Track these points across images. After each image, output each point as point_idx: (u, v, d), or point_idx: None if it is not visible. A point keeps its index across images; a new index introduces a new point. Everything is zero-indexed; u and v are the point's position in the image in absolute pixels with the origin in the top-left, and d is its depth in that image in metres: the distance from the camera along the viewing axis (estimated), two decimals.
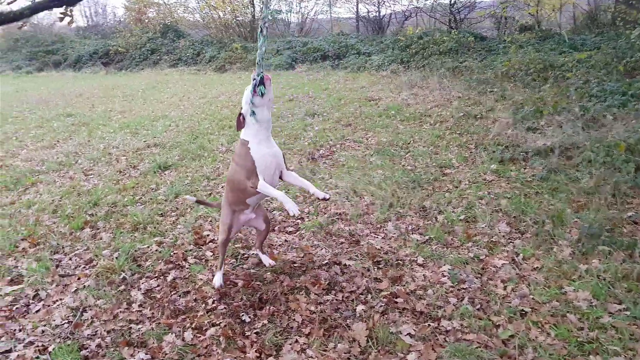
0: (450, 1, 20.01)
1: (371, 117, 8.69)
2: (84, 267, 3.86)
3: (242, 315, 3.14)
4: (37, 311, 3.28)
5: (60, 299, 3.40)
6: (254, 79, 2.90)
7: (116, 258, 3.90)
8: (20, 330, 3.07)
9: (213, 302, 3.30)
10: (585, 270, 3.42)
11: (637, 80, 7.79)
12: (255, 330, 2.98)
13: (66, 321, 3.15)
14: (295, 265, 3.75)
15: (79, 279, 3.67)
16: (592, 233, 3.80)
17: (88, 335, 3.00)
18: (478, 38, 15.68)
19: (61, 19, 5.03)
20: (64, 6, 4.86)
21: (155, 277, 3.68)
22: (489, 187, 5.08)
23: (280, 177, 3.19)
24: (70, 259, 4.00)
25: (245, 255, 3.98)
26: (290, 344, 2.84)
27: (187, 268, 3.81)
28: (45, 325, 3.11)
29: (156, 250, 4.09)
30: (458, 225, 4.31)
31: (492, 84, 10.35)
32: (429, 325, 2.96)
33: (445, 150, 6.45)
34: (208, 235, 4.34)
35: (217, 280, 3.46)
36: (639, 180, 4.72)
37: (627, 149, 5.21)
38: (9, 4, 4.74)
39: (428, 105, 9.27)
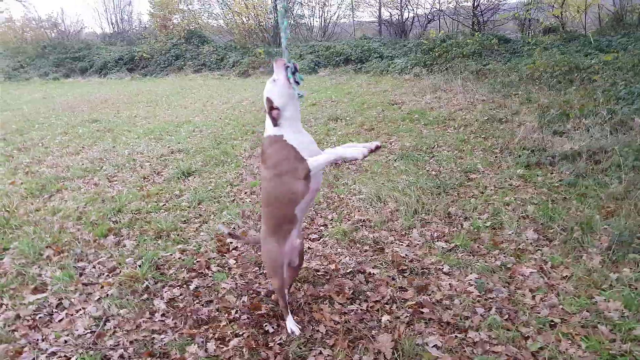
0: (474, 3, 19.88)
1: (394, 121, 8.65)
2: (107, 276, 3.84)
3: (266, 325, 3.10)
4: (60, 320, 3.27)
5: (84, 308, 3.39)
6: (288, 66, 2.59)
7: (139, 266, 3.87)
8: (43, 340, 3.05)
9: (236, 312, 3.27)
10: (616, 279, 3.34)
11: None
12: (278, 342, 2.95)
13: (89, 331, 3.13)
14: (318, 273, 3.72)
15: (102, 287, 3.64)
16: (622, 240, 3.70)
17: (111, 345, 2.98)
18: (502, 40, 15.55)
19: None
20: None
21: (178, 285, 3.65)
22: (515, 193, 5.00)
23: None
24: (93, 266, 3.99)
25: None
26: (314, 356, 2.80)
27: (210, 276, 3.77)
28: (68, 335, 3.09)
29: (179, 258, 4.06)
30: (484, 232, 4.24)
31: (517, 87, 10.24)
32: (456, 336, 2.91)
33: (470, 155, 6.38)
34: (231, 242, 4.33)
35: (292, 324, 3.02)
36: None
37: None
38: None
39: (452, 109, 9.20)
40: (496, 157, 6.22)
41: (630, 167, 5.03)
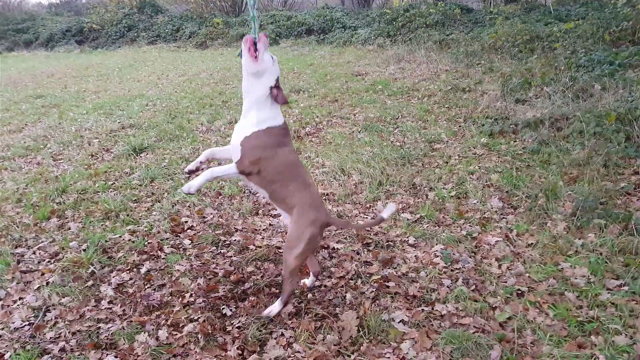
0: None
1: (358, 93, 8.52)
2: (49, 262, 3.54)
3: (223, 308, 2.91)
4: None
5: (21, 298, 3.10)
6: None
7: (84, 250, 3.59)
8: None
9: (191, 296, 3.06)
10: (581, 245, 3.33)
11: (623, 49, 7.73)
12: (237, 325, 2.76)
13: (27, 323, 2.87)
14: (280, 251, 3.54)
15: (42, 274, 3.36)
16: (586, 206, 3.69)
17: (51, 338, 2.73)
18: (464, 10, 15.53)
19: None
20: None
21: (128, 269, 3.40)
22: (479, 162, 4.95)
23: None
24: (34, 252, 3.67)
25: (227, 242, 3.76)
26: (275, 338, 2.65)
27: (162, 258, 3.54)
28: (2, 329, 2.81)
29: (129, 240, 3.79)
30: (449, 202, 4.17)
31: (480, 57, 10.27)
32: (423, 310, 2.82)
33: (434, 125, 6.30)
34: (186, 222, 4.09)
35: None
36: (630, 150, 4.65)
37: (617, 119, 5.13)
38: None
39: (416, 79, 9.13)
40: (460, 126, 6.16)
41: (592, 134, 5.03)
